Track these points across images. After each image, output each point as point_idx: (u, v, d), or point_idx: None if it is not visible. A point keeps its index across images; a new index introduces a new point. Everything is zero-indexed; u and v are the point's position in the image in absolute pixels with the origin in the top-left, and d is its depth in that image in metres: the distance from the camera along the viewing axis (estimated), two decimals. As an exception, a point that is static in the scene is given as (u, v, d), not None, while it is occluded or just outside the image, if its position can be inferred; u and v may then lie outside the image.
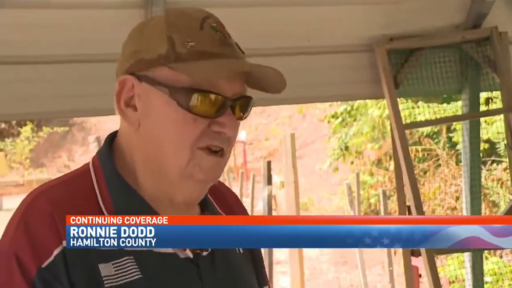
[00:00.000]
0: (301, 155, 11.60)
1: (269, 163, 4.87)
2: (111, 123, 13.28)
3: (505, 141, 3.04)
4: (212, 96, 0.91)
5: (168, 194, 0.95)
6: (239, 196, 1.16)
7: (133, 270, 0.89)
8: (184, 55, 0.90)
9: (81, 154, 13.71)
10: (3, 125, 13.78)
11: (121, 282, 0.88)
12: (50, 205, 0.90)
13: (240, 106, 0.94)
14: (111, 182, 0.94)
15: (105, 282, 0.87)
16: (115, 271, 0.88)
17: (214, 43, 0.91)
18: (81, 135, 14.25)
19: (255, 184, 7.08)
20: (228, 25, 0.99)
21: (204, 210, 1.00)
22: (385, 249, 5.94)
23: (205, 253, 0.96)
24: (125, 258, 0.89)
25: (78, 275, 0.87)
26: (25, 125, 13.57)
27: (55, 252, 0.87)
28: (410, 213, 2.70)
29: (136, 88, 0.93)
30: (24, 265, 0.86)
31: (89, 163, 0.99)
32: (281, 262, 7.79)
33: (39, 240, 0.87)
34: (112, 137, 1.00)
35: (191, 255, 0.94)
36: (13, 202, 10.70)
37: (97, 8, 2.41)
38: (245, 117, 0.97)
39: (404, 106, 2.94)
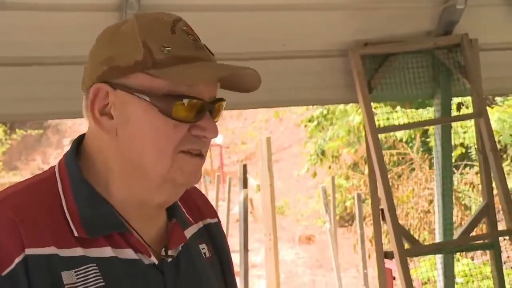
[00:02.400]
0: (277, 159, 11.63)
1: (245, 166, 4.87)
2: (86, 126, 13.13)
3: (476, 146, 3.09)
4: (192, 101, 0.90)
5: (142, 200, 0.94)
6: (214, 200, 1.16)
7: (96, 278, 0.88)
8: (162, 60, 0.89)
9: (56, 157, 13.54)
10: (-25, 128, 13.55)
11: None
12: (12, 212, 0.88)
13: (217, 108, 0.95)
14: (76, 188, 0.92)
15: None
16: (77, 279, 0.87)
17: (188, 46, 0.91)
18: (56, 137, 14.08)
19: (232, 188, 7.07)
20: (203, 29, 0.99)
21: (172, 217, 0.99)
22: (360, 252, 5.99)
23: (169, 259, 0.95)
24: (88, 265, 0.89)
25: (40, 283, 0.85)
26: (-2, 127, 13.36)
27: (16, 260, 0.85)
28: (383, 216, 2.73)
29: (111, 96, 0.91)
30: None
31: (55, 166, 0.97)
32: (257, 265, 7.80)
33: (1, 246, 0.85)
34: (79, 141, 0.98)
35: (156, 261, 0.94)
36: (-14, 206, 10.50)
37: (71, 10, 2.39)
38: (219, 120, 0.97)
39: (382, 111, 2.97)
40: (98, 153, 0.95)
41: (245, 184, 4.80)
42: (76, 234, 0.90)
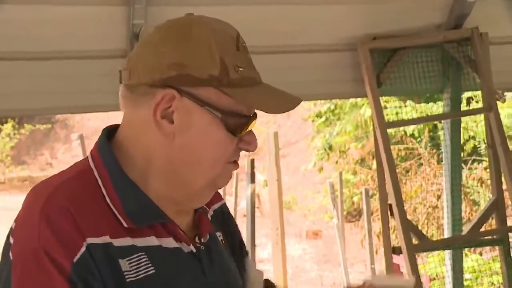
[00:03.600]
0: (284, 154, 11.62)
1: (252, 161, 4.87)
2: (94, 120, 13.17)
3: (486, 140, 3.08)
4: (248, 120, 0.95)
5: (182, 201, 0.97)
6: (222, 194, 1.18)
7: (147, 266, 0.91)
8: (235, 80, 0.92)
9: (64, 151, 13.58)
10: (-17, 122, 13.62)
11: (139, 277, 0.90)
12: (67, 201, 0.89)
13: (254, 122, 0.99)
14: (116, 179, 0.94)
15: (126, 276, 0.89)
16: (130, 267, 0.90)
17: (250, 66, 0.95)
18: (64, 132, 14.11)
19: (239, 183, 7.07)
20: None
21: (198, 209, 1.03)
22: (367, 248, 5.98)
23: (203, 247, 0.99)
24: (138, 254, 0.91)
25: (105, 270, 0.88)
26: (6, 122, 13.40)
27: (82, 247, 0.87)
28: (391, 211, 2.72)
29: (175, 102, 0.92)
30: (56, 262, 0.85)
31: (86, 160, 0.97)
32: (264, 260, 7.80)
33: (66, 236, 0.87)
34: (109, 132, 0.98)
35: (194, 249, 0.97)
36: (-6, 200, 10.58)
37: (78, 4, 2.39)
38: None
39: (392, 105, 2.95)
40: (141, 148, 0.95)
41: (252, 179, 4.79)
42: (125, 225, 0.92)
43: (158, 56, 0.92)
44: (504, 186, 2.98)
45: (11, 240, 0.89)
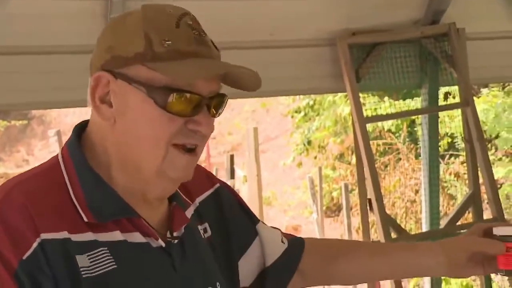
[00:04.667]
0: (264, 150, 11.62)
1: (232, 156, 4.87)
2: (72, 116, 13.02)
3: (463, 135, 3.11)
4: (189, 96, 0.91)
5: (141, 190, 0.96)
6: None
7: (108, 261, 0.90)
8: (161, 54, 0.90)
9: (41, 148, 13.42)
10: (-42, 118, 13.40)
11: (97, 273, 0.89)
12: (24, 197, 0.89)
13: (216, 104, 0.96)
14: (82, 174, 0.94)
15: (82, 273, 0.88)
16: (90, 262, 0.89)
17: (190, 41, 0.91)
18: (41, 129, 13.94)
19: (218, 179, 7.06)
20: (199, 18, 0.98)
21: (172, 201, 1.01)
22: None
23: (175, 241, 0.98)
24: (99, 249, 0.90)
25: (58, 266, 0.87)
26: (-19, 118, 13.22)
27: (34, 244, 0.86)
28: (371, 206, 2.74)
29: (111, 85, 0.92)
30: (4, 258, 0.85)
31: (57, 155, 0.97)
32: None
33: (17, 233, 0.86)
34: (80, 128, 0.99)
35: (163, 244, 0.96)
36: (-31, 198, 10.38)
37: (56, -1, 2.36)
38: (219, 114, 0.98)
39: (370, 101, 2.97)
40: (99, 140, 0.96)
41: (232, 175, 4.80)
42: (85, 220, 0.91)
43: (98, 46, 0.95)
44: (481, 180, 3.02)
45: None
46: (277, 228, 1.20)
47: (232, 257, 1.10)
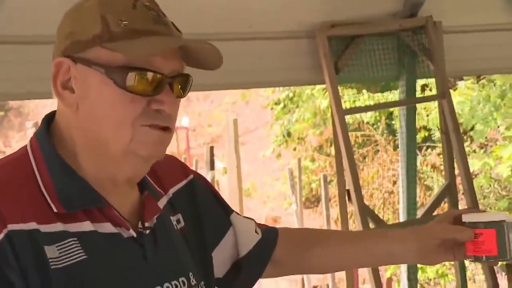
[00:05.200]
0: (244, 142, 11.61)
1: (211, 148, 4.86)
2: (49, 108, 12.85)
3: (439, 127, 3.14)
4: (149, 74, 0.90)
5: (111, 174, 0.94)
6: None
7: (78, 252, 0.89)
8: (118, 34, 0.89)
9: (18, 140, 13.25)
10: None
11: (66, 264, 0.87)
12: None
13: (179, 83, 0.94)
14: (51, 164, 0.92)
15: (51, 264, 0.86)
16: (59, 253, 0.87)
17: (147, 21, 0.91)
18: (18, 120, 13.77)
19: (198, 170, 7.06)
20: (171, 9, 0.98)
21: (143, 190, 1.00)
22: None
23: (147, 231, 0.97)
24: (69, 239, 0.89)
25: (25, 257, 0.85)
26: (-42, 109, 13.00)
27: (1, 234, 0.84)
28: (349, 197, 2.76)
29: (72, 70, 0.92)
30: None
31: (26, 145, 0.96)
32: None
33: None
34: (49, 119, 0.98)
35: (134, 234, 0.95)
36: None
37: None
38: (185, 95, 0.97)
39: (348, 93, 2.98)
40: (65, 128, 0.95)
41: (212, 166, 4.79)
42: (55, 210, 0.89)
43: (58, 33, 0.95)
44: (457, 171, 3.05)
45: None
46: (251, 219, 1.20)
47: (205, 247, 1.10)
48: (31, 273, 0.85)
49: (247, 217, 1.21)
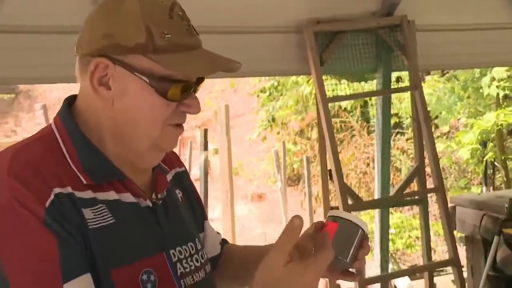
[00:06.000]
0: (232, 126, 11.57)
1: (205, 130, 4.85)
2: (57, 92, 12.72)
3: (411, 115, 3.17)
4: (184, 84, 0.92)
5: (132, 161, 0.96)
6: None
7: (107, 216, 0.91)
8: (161, 47, 0.88)
9: (28, 120, 13.10)
10: (-51, 92, 12.94)
11: (100, 225, 0.89)
12: (31, 158, 0.88)
13: (200, 85, 0.96)
14: (76, 140, 0.93)
15: (88, 224, 0.88)
16: (93, 215, 0.89)
17: (183, 33, 0.90)
18: (28, 102, 13.60)
19: (192, 151, 7.03)
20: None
21: (155, 167, 1.02)
22: (307, 208, 6.10)
23: (160, 202, 0.99)
24: (99, 205, 0.90)
25: (73, 215, 0.86)
26: (-28, 92, 12.82)
27: (52, 194, 0.85)
28: (331, 176, 2.77)
29: (110, 69, 0.90)
30: (30, 208, 0.83)
31: (50, 125, 0.96)
32: (214, 220, 7.84)
33: (34, 186, 0.84)
34: (70, 101, 0.97)
35: (150, 204, 0.97)
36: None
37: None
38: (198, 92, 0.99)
39: (329, 82, 2.98)
40: (92, 113, 0.95)
41: (205, 147, 4.78)
42: (84, 181, 0.90)
43: (92, 28, 0.92)
44: (425, 155, 3.09)
45: None
46: (219, 233, 1.21)
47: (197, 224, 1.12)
48: (79, 228, 0.86)
49: (217, 232, 1.21)
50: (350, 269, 0.98)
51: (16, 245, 0.82)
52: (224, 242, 1.22)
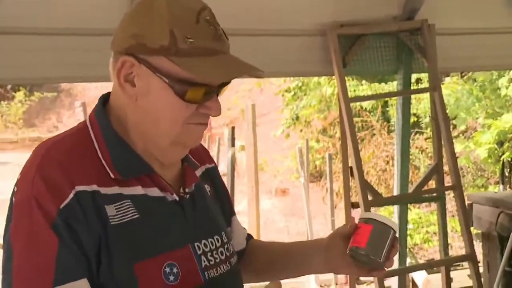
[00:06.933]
0: (257, 124, 11.57)
1: (233, 128, 4.87)
2: (94, 90, 12.92)
3: (430, 115, 3.11)
4: (204, 88, 0.91)
5: (156, 156, 0.95)
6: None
7: (131, 211, 0.90)
8: (183, 50, 0.88)
9: (68, 117, 13.36)
10: (-1, 90, 13.31)
11: (122, 221, 0.89)
12: (60, 155, 0.89)
13: (223, 89, 0.95)
14: (108, 137, 0.93)
15: (110, 220, 0.88)
16: (116, 212, 0.89)
17: (208, 38, 0.89)
18: (68, 100, 13.85)
19: (220, 147, 7.06)
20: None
21: (184, 162, 1.01)
22: (328, 203, 6.06)
23: (187, 196, 0.98)
24: (124, 201, 0.90)
25: (90, 214, 0.86)
26: (19, 90, 13.14)
27: (70, 195, 0.86)
28: (352, 173, 2.75)
29: (135, 68, 0.90)
30: (45, 208, 0.85)
31: (85, 120, 0.96)
32: (239, 213, 7.86)
33: (56, 186, 0.86)
34: (105, 98, 0.98)
35: (177, 198, 0.96)
36: (8, 157, 10.37)
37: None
38: (222, 95, 0.97)
39: (351, 83, 2.96)
40: (120, 109, 0.95)
41: (233, 143, 4.80)
42: (112, 176, 0.91)
43: (125, 28, 0.92)
44: (443, 154, 3.03)
45: (15, 188, 0.89)
46: (245, 228, 1.19)
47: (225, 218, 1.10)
48: (94, 227, 0.86)
49: (243, 227, 1.19)
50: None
51: (21, 243, 0.84)
52: (249, 237, 1.20)
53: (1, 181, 5.51)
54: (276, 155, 10.73)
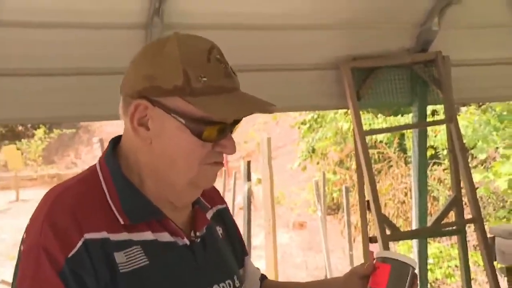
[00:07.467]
0: (274, 156, 11.53)
1: (249, 162, 4.86)
2: (111, 127, 13.12)
3: (447, 146, 3.07)
4: (219, 126, 0.90)
5: (170, 199, 0.94)
6: (221, 190, 1.15)
7: (141, 257, 0.89)
8: (198, 90, 0.87)
9: (86, 153, 13.53)
10: (20, 128, 13.56)
11: (132, 268, 0.87)
12: (70, 201, 0.88)
13: (236, 126, 0.95)
14: (117, 181, 0.92)
15: (120, 268, 0.86)
16: (126, 259, 0.87)
17: (220, 76, 0.89)
18: (86, 136, 14.07)
19: (236, 181, 7.04)
20: (223, 45, 0.97)
21: (195, 205, 1.00)
22: (346, 237, 5.95)
23: (198, 239, 0.96)
24: (133, 247, 0.89)
25: (99, 262, 0.85)
26: (39, 127, 13.40)
27: (79, 243, 0.85)
28: (369, 206, 2.70)
29: (149, 110, 0.89)
30: (52, 257, 0.84)
31: (96, 164, 0.96)
32: (256, 247, 7.76)
33: (65, 235, 0.85)
34: (115, 142, 0.97)
35: (188, 242, 0.95)
36: (28, 194, 10.48)
37: (103, 28, 2.37)
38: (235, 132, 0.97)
39: (366, 116, 2.95)
40: (132, 153, 0.94)
41: (248, 178, 4.78)
42: (121, 222, 0.89)
43: (136, 69, 0.91)
44: (462, 185, 2.98)
45: (24, 235, 0.89)
46: (258, 269, 1.17)
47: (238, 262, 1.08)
48: (103, 276, 0.85)
49: (256, 267, 1.17)
50: None
51: None
52: (263, 277, 1.17)
53: (23, 218, 5.55)
54: (293, 188, 10.66)
